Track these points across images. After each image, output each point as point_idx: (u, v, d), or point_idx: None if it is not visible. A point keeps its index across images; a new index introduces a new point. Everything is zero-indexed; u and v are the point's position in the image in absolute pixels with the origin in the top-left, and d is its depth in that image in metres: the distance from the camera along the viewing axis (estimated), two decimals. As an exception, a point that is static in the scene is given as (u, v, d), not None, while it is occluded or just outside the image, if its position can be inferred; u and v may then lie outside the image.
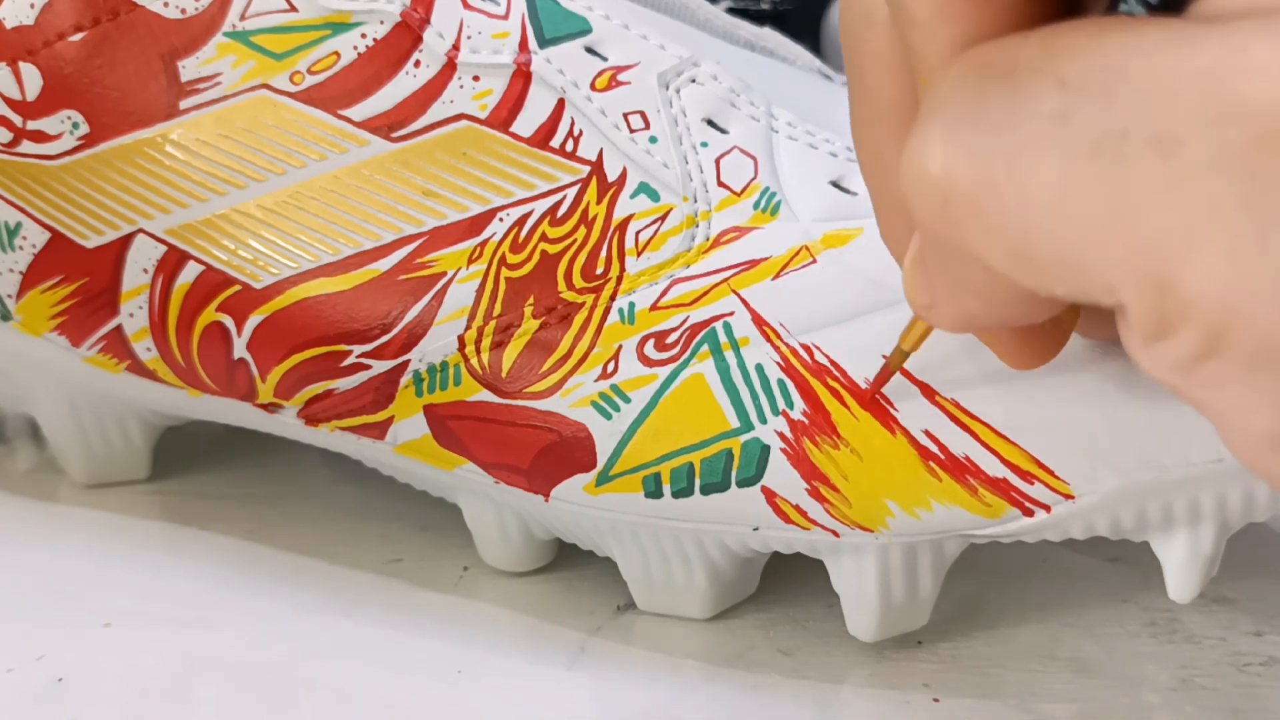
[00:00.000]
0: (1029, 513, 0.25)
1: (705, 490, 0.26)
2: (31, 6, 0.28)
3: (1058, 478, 0.25)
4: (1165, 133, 0.15)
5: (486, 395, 0.28)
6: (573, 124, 0.28)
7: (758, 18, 0.40)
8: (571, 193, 0.28)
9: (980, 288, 0.18)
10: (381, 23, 0.28)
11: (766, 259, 0.27)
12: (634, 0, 0.30)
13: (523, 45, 0.28)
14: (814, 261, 0.27)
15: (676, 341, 0.27)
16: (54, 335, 0.30)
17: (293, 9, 0.28)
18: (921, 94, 0.18)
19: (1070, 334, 0.23)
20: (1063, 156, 0.15)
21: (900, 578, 0.27)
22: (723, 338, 0.26)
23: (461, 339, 0.28)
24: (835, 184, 0.28)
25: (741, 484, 0.26)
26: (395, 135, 0.28)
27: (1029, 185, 0.16)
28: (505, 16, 0.28)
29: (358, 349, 0.28)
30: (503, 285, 0.28)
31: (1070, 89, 0.16)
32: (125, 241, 0.29)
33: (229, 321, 0.29)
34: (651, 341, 0.27)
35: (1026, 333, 0.23)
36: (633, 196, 0.28)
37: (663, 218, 0.27)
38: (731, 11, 0.41)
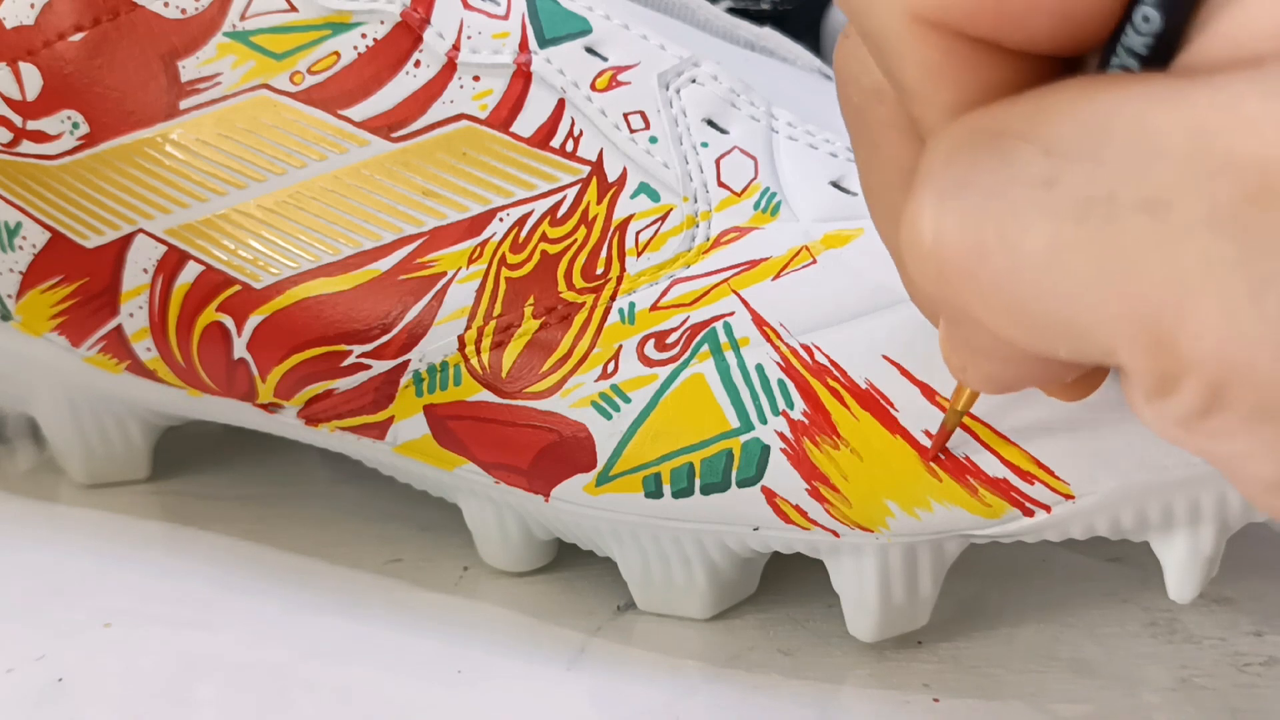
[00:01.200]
0: (1029, 513, 0.25)
1: (705, 490, 0.26)
2: (31, 6, 0.28)
3: (1058, 478, 0.25)
4: (1154, 192, 0.15)
5: (486, 395, 0.28)
6: (573, 124, 0.28)
7: (758, 18, 0.40)
8: (572, 193, 0.28)
9: (993, 352, 0.18)
10: (382, 23, 0.28)
11: (767, 259, 0.27)
12: (634, 0, 0.30)
13: (523, 45, 0.28)
14: (814, 262, 0.27)
15: (677, 342, 0.27)
16: (54, 335, 0.30)
17: (293, 9, 0.28)
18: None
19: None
20: (1051, 220, 0.15)
21: (900, 578, 0.27)
22: (723, 338, 0.26)
23: (461, 339, 0.28)
24: (835, 184, 0.28)
25: (741, 484, 0.26)
26: (395, 135, 0.28)
27: (1019, 250, 0.16)
28: (505, 16, 0.28)
29: (358, 349, 0.28)
30: (503, 285, 0.28)
31: (1055, 153, 0.15)
32: (125, 241, 0.29)
33: (229, 321, 0.29)
34: (652, 341, 0.27)
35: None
36: (633, 196, 0.28)
37: (663, 218, 0.27)
38: (731, 11, 0.41)
